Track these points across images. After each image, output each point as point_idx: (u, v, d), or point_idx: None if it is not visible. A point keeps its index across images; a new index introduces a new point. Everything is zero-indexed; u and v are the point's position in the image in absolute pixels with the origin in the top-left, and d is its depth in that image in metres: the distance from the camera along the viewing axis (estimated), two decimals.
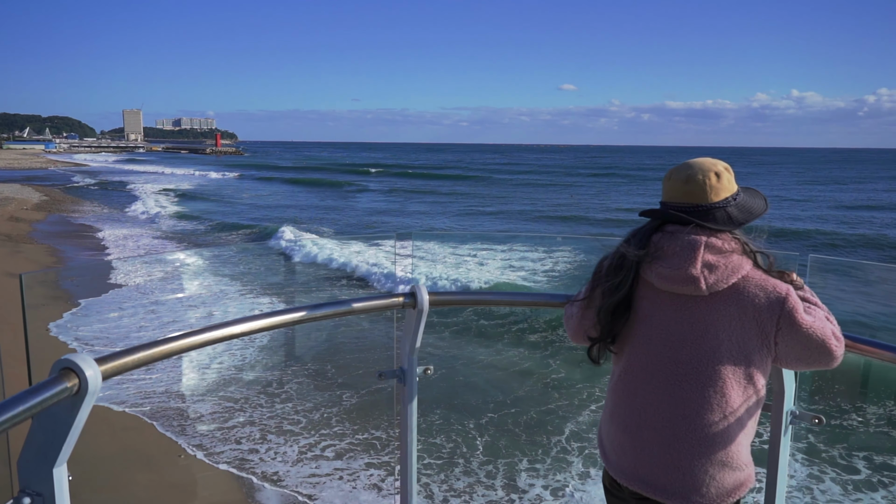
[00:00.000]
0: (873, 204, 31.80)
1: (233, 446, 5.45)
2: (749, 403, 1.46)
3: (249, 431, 5.72)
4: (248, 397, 6.47)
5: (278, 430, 5.74)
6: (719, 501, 1.48)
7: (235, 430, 5.74)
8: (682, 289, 1.44)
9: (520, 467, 5.05)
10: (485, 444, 5.44)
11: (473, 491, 4.71)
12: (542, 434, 5.65)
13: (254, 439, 5.58)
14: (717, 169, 1.49)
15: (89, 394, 1.15)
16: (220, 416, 6.05)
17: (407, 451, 1.92)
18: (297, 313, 1.62)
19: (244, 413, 6.10)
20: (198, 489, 4.94)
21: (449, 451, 5.28)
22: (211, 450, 5.39)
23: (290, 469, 5.10)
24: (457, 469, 5.01)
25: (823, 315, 1.46)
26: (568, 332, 1.71)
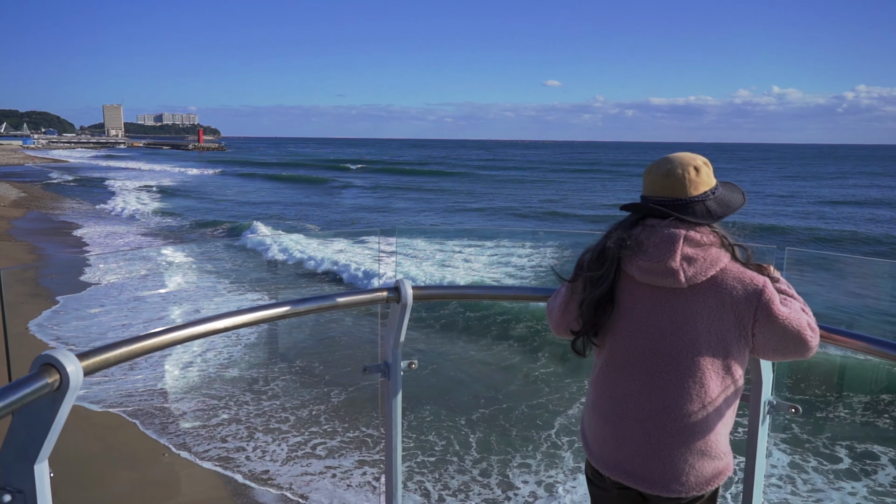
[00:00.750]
0: (853, 199, 32.33)
1: (218, 444, 5.42)
2: (727, 393, 1.49)
3: (236, 429, 5.69)
4: (234, 395, 6.43)
5: (265, 429, 5.73)
6: (698, 489, 1.51)
7: (221, 429, 5.70)
8: (661, 281, 1.46)
9: (512, 464, 5.07)
10: (477, 441, 5.47)
11: (469, 489, 4.72)
12: (532, 429, 5.69)
13: (240, 437, 5.55)
14: (696, 163, 1.51)
15: (70, 389, 1.14)
16: (204, 414, 6.01)
17: (392, 444, 1.93)
18: (280, 308, 1.62)
19: (229, 411, 6.06)
20: (182, 487, 4.91)
21: (442, 449, 5.30)
22: (195, 448, 5.36)
23: (280, 468, 5.08)
24: (451, 467, 5.03)
25: (799, 306, 1.49)
26: (550, 325, 1.72)
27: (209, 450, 5.31)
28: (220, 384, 6.70)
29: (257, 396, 6.43)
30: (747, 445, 1.82)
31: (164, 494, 4.75)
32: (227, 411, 6.07)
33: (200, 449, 5.31)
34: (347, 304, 1.76)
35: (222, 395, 6.42)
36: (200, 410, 6.09)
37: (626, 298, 1.52)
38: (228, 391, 6.54)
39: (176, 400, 6.28)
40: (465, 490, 4.71)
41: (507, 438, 5.50)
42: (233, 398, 6.35)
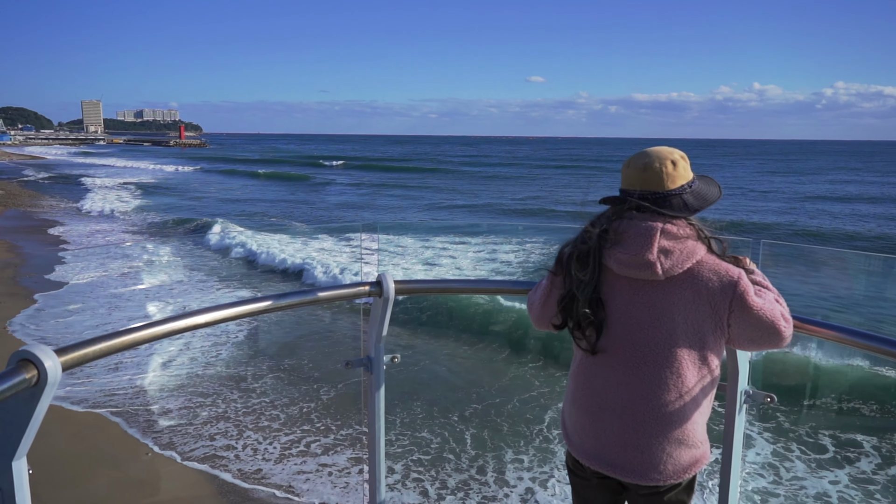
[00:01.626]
0: (833, 195, 32.81)
1: (204, 443, 5.39)
2: (704, 383, 1.52)
3: (224, 427, 5.67)
4: (221, 392, 6.40)
5: (253, 426, 5.71)
6: (675, 478, 1.54)
7: (206, 427, 5.68)
8: (639, 274, 1.48)
9: (505, 459, 5.10)
10: (472, 437, 5.50)
11: (469, 487, 4.72)
12: (522, 424, 5.74)
13: (228, 435, 5.53)
14: (673, 157, 1.53)
15: (49, 385, 1.13)
16: (189, 412, 5.97)
17: (375, 437, 1.94)
18: (262, 303, 1.61)
19: (215, 409, 6.03)
20: (165, 486, 4.88)
21: (438, 447, 5.31)
22: (179, 447, 5.33)
23: (267, 465, 5.07)
24: (448, 465, 5.03)
25: (773, 297, 1.52)
26: (531, 319, 1.74)
27: (193, 448, 5.28)
28: (208, 382, 6.67)
29: (245, 395, 6.41)
30: (724, 434, 1.85)
31: (145, 493, 4.72)
32: (213, 409, 6.04)
33: (185, 448, 5.28)
34: (329, 299, 1.76)
35: (209, 394, 6.39)
36: (184, 409, 6.05)
37: (604, 291, 1.54)
38: (215, 389, 6.51)
39: (158, 399, 6.23)
40: (463, 488, 4.71)
41: (500, 434, 5.54)
42: (220, 396, 6.33)
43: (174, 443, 5.37)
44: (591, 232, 1.55)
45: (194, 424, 5.73)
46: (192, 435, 5.53)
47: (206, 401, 6.21)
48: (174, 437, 5.46)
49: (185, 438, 5.46)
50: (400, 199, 31.60)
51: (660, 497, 1.58)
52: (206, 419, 5.84)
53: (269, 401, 6.27)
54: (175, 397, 6.29)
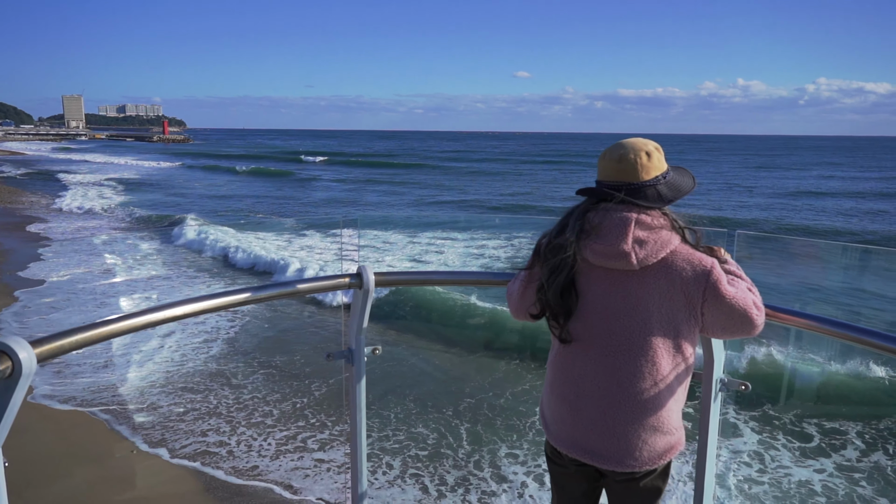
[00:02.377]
0: (816, 190, 33.22)
1: (192, 439, 5.38)
2: (678, 371, 1.55)
3: (215, 424, 5.66)
4: (210, 389, 6.39)
5: (246, 423, 5.71)
6: (651, 464, 1.56)
7: (195, 424, 5.66)
8: (614, 264, 1.50)
9: (500, 454, 5.13)
10: (467, 432, 5.53)
11: (468, 482, 4.74)
12: (515, 417, 5.79)
13: (221, 432, 5.52)
14: (647, 149, 1.56)
15: (23, 377, 1.13)
16: (175, 410, 5.95)
17: (357, 428, 1.95)
18: (240, 295, 1.61)
19: (206, 405, 6.02)
20: (150, 483, 4.86)
21: (434, 442, 5.33)
22: (165, 444, 5.31)
23: (260, 461, 5.06)
24: (447, 461, 5.04)
25: (746, 286, 1.55)
26: (510, 309, 1.76)
27: (182, 445, 5.27)
28: (197, 379, 6.64)
29: (235, 391, 6.39)
30: (700, 421, 1.88)
31: (129, 490, 4.70)
32: (203, 406, 6.02)
33: (171, 445, 5.27)
34: (309, 290, 1.77)
35: (199, 390, 6.37)
36: (170, 406, 6.02)
37: (581, 281, 1.56)
38: (205, 386, 6.49)
39: (144, 397, 6.20)
40: (463, 484, 4.73)
41: (493, 428, 5.58)
42: (210, 392, 6.32)
43: (160, 440, 5.35)
44: (567, 223, 1.57)
45: (185, 421, 5.72)
46: (178, 431, 5.51)
47: (197, 397, 6.20)
48: (160, 435, 5.44)
49: (172, 435, 5.43)
50: (386, 195, 31.51)
51: (636, 483, 1.61)
52: (195, 416, 5.82)
53: (260, 396, 6.27)
54: (161, 395, 6.26)
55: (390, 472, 4.88)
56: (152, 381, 6.54)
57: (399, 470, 4.90)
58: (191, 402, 6.08)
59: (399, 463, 5.00)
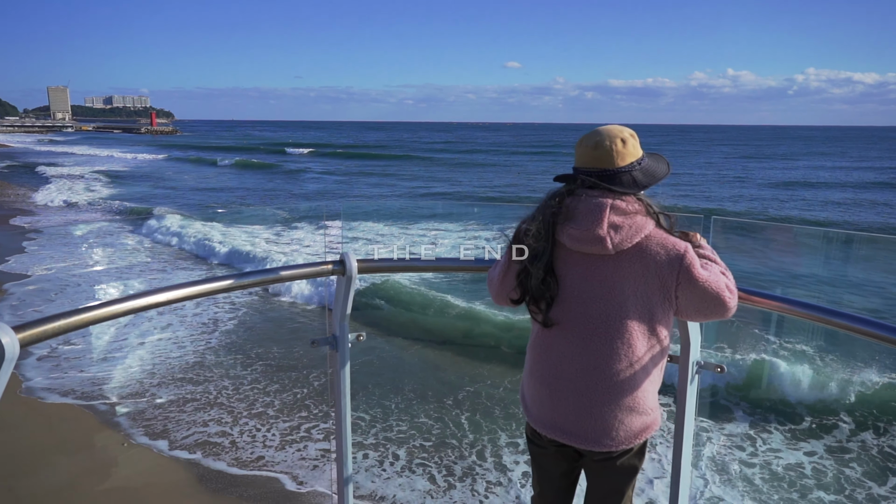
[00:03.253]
0: (804, 181, 33.43)
1: (191, 430, 5.40)
2: (653, 352, 1.58)
3: (209, 416, 5.68)
4: (207, 381, 6.41)
5: (249, 414, 5.75)
6: (627, 443, 1.61)
7: (190, 415, 5.69)
8: (590, 248, 1.53)
9: (500, 443, 5.19)
10: (469, 421, 5.59)
11: (474, 472, 4.79)
12: (512, 406, 5.86)
13: (213, 423, 5.55)
14: (623, 135, 1.59)
15: (6, 361, 1.15)
16: (167, 402, 5.96)
17: (341, 412, 1.98)
18: (224, 282, 1.63)
19: (205, 397, 6.04)
20: (141, 475, 4.87)
21: (438, 433, 5.38)
22: (155, 436, 5.32)
23: (254, 452, 5.09)
24: (452, 452, 5.09)
25: (719, 270, 1.59)
26: (491, 295, 1.79)
27: (172, 436, 5.29)
28: (192, 373, 6.66)
29: (235, 381, 6.42)
30: (677, 403, 1.93)
31: (119, 482, 4.71)
32: (202, 398, 6.05)
33: (162, 437, 5.28)
34: (292, 277, 1.79)
35: (200, 381, 6.40)
36: (162, 399, 6.03)
37: (559, 266, 1.59)
38: (204, 378, 6.51)
39: (135, 390, 6.20)
40: (470, 474, 4.77)
41: (492, 417, 5.64)
42: (206, 385, 6.33)
43: (151, 432, 5.36)
44: (545, 209, 1.60)
45: (185, 411, 5.75)
46: (176, 422, 5.53)
47: (198, 388, 6.23)
48: (152, 427, 5.45)
49: (163, 427, 5.45)
50: (375, 186, 31.41)
51: (613, 462, 1.65)
52: (194, 407, 5.86)
53: (260, 387, 6.30)
54: (159, 387, 6.27)
55: (396, 461, 4.94)
56: (149, 373, 6.55)
57: (405, 460, 4.96)
58: (191, 394, 6.11)
59: (405, 452, 5.06)
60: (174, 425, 5.49)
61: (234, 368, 6.77)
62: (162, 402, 5.94)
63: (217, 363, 6.91)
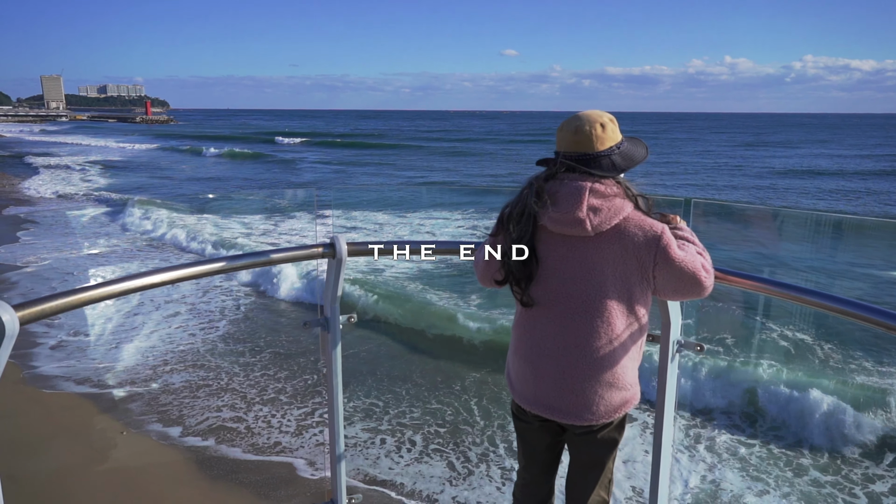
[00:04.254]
0: (801, 169, 33.46)
1: (196, 419, 5.47)
2: (632, 330, 1.64)
3: (211, 404, 5.75)
4: (221, 367, 6.48)
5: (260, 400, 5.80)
6: (607, 417, 1.67)
7: (195, 401, 5.76)
8: (570, 230, 1.58)
9: (509, 428, 5.25)
10: (480, 407, 5.67)
11: (488, 458, 4.86)
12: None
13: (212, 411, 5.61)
14: (602, 120, 1.63)
15: (6, 338, 1.20)
16: (166, 392, 6.02)
17: (333, 392, 2.04)
18: (215, 264, 1.68)
19: (218, 383, 6.11)
20: (139, 463, 4.92)
21: (451, 419, 5.46)
22: (153, 425, 5.38)
23: (251, 439, 5.16)
24: (467, 438, 5.16)
25: (695, 251, 1.64)
26: (477, 277, 1.84)
27: (164, 424, 5.35)
28: (210, 357, 6.74)
29: (245, 368, 6.48)
30: (658, 381, 1.99)
31: (118, 470, 4.76)
32: (213, 383, 6.12)
33: (159, 426, 5.34)
34: (283, 260, 1.84)
35: (210, 366, 6.46)
36: (162, 388, 6.09)
37: (541, 248, 1.65)
38: (216, 364, 6.60)
39: (134, 379, 6.26)
40: (484, 460, 4.84)
41: (499, 402, 5.74)
42: (222, 370, 6.41)
43: (148, 421, 5.42)
44: (526, 192, 1.65)
45: (189, 400, 5.80)
46: (169, 412, 5.59)
47: (210, 375, 6.30)
48: (149, 416, 5.51)
49: (161, 416, 5.51)
50: (375, 176, 31.35)
51: (594, 435, 1.71)
52: (207, 392, 5.92)
53: (270, 374, 6.38)
54: (154, 377, 6.33)
55: (413, 447, 5.01)
56: (140, 365, 6.60)
57: (421, 446, 5.04)
58: (203, 380, 6.18)
59: (420, 438, 5.14)
60: (188, 411, 5.55)
61: (243, 356, 6.85)
62: (176, 387, 6.01)
63: (228, 351, 6.98)
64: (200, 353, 6.92)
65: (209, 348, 7.08)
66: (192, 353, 6.91)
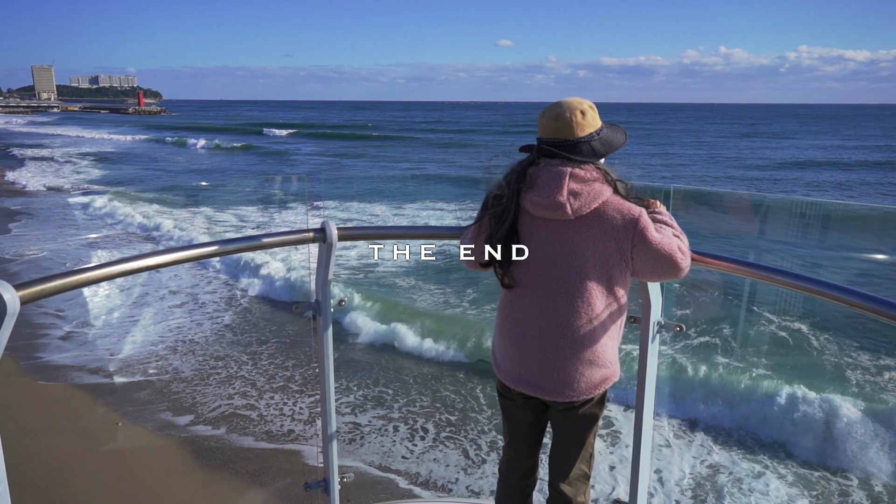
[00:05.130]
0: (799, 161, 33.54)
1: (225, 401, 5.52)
2: (611, 310, 1.71)
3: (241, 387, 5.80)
4: (229, 357, 6.54)
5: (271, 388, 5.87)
6: (588, 393, 1.74)
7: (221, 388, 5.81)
8: (552, 214, 1.64)
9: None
10: (483, 394, 5.74)
11: (497, 446, 4.93)
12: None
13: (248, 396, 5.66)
14: (582, 107, 1.69)
15: (7, 316, 1.24)
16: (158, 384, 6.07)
17: (325, 373, 2.10)
18: (209, 248, 1.73)
19: (228, 371, 6.16)
20: (134, 454, 4.98)
21: (462, 406, 5.54)
22: (147, 416, 5.44)
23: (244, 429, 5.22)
24: (475, 427, 5.23)
25: (672, 233, 1.70)
26: (463, 259, 1.90)
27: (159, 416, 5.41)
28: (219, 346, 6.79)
29: (254, 357, 6.54)
30: (639, 360, 2.06)
31: (114, 461, 4.82)
32: (222, 371, 6.17)
33: (155, 417, 5.40)
34: (275, 244, 1.89)
35: (222, 356, 6.52)
36: (154, 381, 6.15)
37: (524, 231, 1.71)
38: (226, 352, 6.65)
39: (128, 372, 6.31)
40: (495, 448, 4.92)
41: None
42: (232, 358, 6.46)
43: (143, 413, 5.47)
44: (510, 178, 1.71)
45: (209, 384, 5.85)
46: (164, 404, 5.64)
47: (219, 363, 6.33)
48: (143, 408, 5.56)
49: (156, 408, 5.56)
50: (369, 169, 31.30)
51: (575, 411, 1.78)
52: (216, 380, 5.98)
53: (278, 362, 6.44)
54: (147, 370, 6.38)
55: (426, 435, 5.08)
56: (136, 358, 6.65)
57: (434, 434, 5.11)
58: (213, 369, 6.24)
59: (433, 426, 5.22)
60: (161, 407, 5.59)
61: (251, 346, 6.90)
62: (151, 384, 6.05)
63: (235, 341, 7.05)
64: (209, 342, 6.97)
65: (216, 338, 7.15)
66: (200, 343, 6.97)
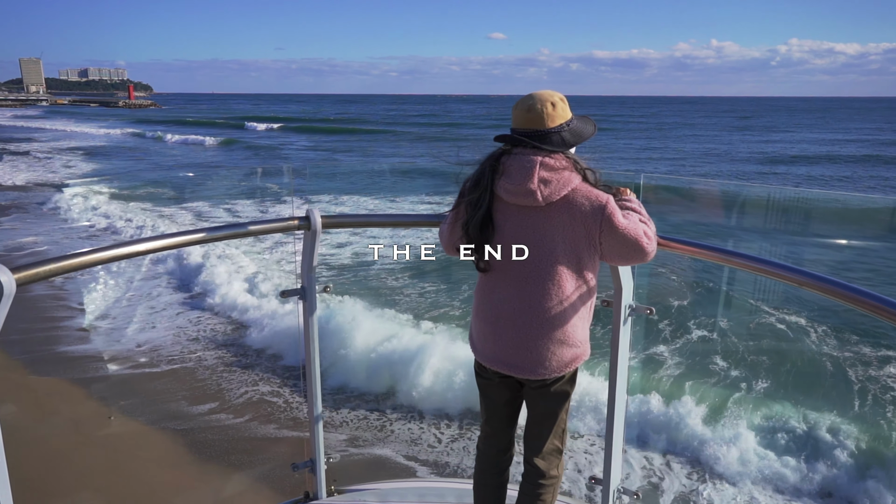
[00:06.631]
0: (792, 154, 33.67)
1: (163, 405, 5.56)
2: (581, 292, 1.80)
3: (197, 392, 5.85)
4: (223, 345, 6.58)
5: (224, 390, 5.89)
6: (559, 371, 1.83)
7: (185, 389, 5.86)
8: (523, 201, 1.73)
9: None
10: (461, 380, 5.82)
11: (474, 427, 5.08)
12: None
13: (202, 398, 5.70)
14: (553, 99, 1.78)
15: (4, 297, 1.31)
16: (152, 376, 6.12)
17: (311, 358, 2.18)
18: (196, 234, 1.80)
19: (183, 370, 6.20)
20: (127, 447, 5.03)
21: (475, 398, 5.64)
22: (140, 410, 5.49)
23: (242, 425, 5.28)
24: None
25: (638, 219, 1.80)
26: (442, 246, 1.99)
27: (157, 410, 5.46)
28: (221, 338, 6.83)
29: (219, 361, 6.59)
30: (611, 343, 2.16)
31: (107, 454, 4.86)
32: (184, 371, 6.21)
33: (146, 410, 5.45)
34: (261, 231, 1.96)
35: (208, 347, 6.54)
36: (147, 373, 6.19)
37: (498, 217, 1.80)
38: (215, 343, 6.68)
39: (122, 365, 6.35)
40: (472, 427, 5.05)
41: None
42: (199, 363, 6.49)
43: (136, 407, 5.53)
44: (485, 166, 1.79)
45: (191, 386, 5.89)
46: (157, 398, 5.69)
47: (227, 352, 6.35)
48: (136, 401, 5.61)
49: (148, 402, 5.61)
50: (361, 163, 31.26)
51: (547, 388, 1.88)
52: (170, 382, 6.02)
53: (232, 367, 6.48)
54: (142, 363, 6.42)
55: (448, 428, 5.17)
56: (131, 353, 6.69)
57: (457, 429, 5.21)
58: (205, 360, 6.27)
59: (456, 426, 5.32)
60: (154, 401, 5.64)
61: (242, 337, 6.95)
62: (144, 376, 6.09)
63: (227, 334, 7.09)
64: (204, 337, 7.02)
65: (211, 334, 7.19)
66: (196, 337, 7.01)
